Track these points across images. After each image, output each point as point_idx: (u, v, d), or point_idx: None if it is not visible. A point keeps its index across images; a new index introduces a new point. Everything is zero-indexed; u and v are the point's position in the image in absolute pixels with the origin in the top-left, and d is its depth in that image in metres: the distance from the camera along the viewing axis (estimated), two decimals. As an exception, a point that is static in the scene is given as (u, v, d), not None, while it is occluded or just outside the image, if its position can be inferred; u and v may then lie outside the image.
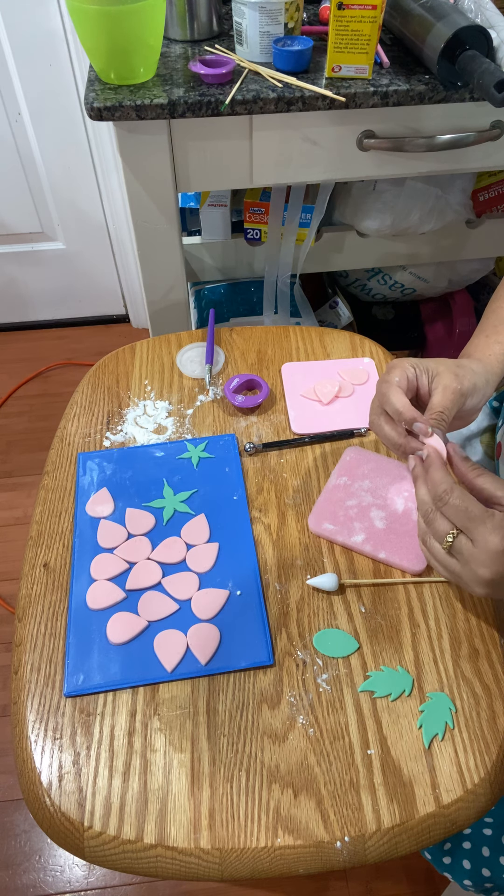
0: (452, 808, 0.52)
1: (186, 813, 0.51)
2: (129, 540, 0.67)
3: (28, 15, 1.22)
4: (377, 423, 0.60)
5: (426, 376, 0.59)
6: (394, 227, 1.18)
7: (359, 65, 0.82)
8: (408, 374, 0.59)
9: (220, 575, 0.65)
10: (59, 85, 1.33)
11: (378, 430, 0.60)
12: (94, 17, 0.75)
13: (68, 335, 1.87)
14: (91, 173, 1.51)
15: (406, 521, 0.67)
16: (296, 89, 0.81)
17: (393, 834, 0.51)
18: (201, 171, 0.90)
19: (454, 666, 0.59)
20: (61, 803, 0.52)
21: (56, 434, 0.78)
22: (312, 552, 0.66)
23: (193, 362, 0.85)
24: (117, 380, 0.83)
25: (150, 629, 0.61)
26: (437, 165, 0.93)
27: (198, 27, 0.90)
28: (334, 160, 0.91)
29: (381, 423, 0.60)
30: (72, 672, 0.58)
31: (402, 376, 0.59)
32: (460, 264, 1.38)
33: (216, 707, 0.56)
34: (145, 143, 0.86)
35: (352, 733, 0.55)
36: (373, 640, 0.60)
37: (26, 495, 1.51)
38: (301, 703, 0.57)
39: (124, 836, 0.51)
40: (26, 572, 0.66)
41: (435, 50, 0.78)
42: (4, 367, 1.79)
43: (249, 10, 0.81)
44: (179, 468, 0.73)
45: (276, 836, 0.51)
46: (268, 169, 0.91)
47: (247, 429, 0.78)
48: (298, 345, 0.87)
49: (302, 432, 0.77)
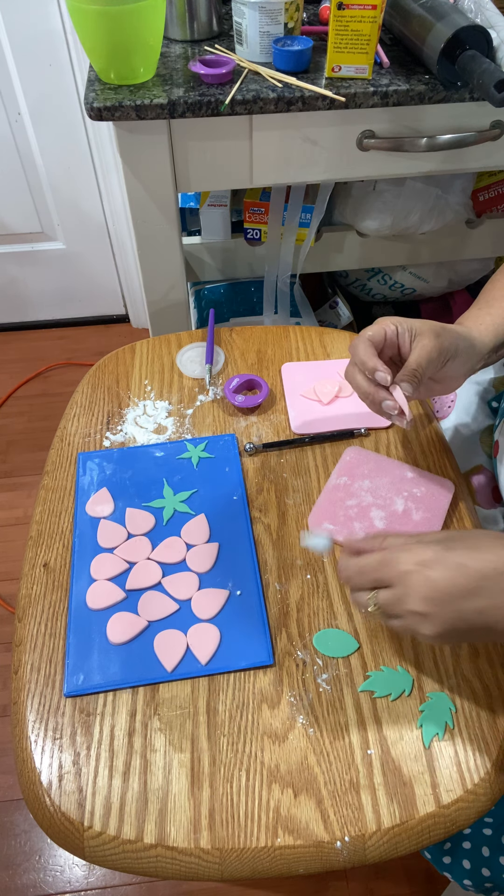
0: (452, 808, 0.52)
1: (186, 813, 0.51)
2: (129, 540, 0.67)
3: (28, 15, 1.22)
4: (351, 371, 0.62)
5: (408, 335, 0.60)
6: (394, 227, 1.18)
7: (359, 65, 0.82)
8: (387, 331, 0.60)
9: (220, 575, 0.65)
10: (59, 85, 1.33)
11: (351, 379, 0.62)
12: (94, 17, 0.75)
13: (68, 335, 1.87)
14: (91, 173, 1.50)
15: (406, 521, 0.67)
16: (296, 89, 0.81)
17: (393, 834, 0.51)
18: (201, 171, 0.90)
19: (454, 666, 0.59)
20: (61, 803, 0.52)
21: (56, 434, 0.78)
22: (312, 552, 0.66)
23: (193, 362, 0.85)
24: (117, 380, 0.83)
25: (150, 629, 0.61)
26: (437, 165, 0.93)
27: (198, 27, 0.90)
28: (334, 160, 0.91)
29: (355, 373, 0.61)
30: (72, 672, 0.58)
31: (377, 331, 0.60)
32: (460, 264, 1.38)
33: (216, 707, 0.56)
34: (145, 143, 0.86)
35: (352, 733, 0.55)
36: (373, 640, 0.60)
37: (26, 495, 1.51)
38: (301, 703, 0.57)
39: (124, 836, 0.51)
40: (26, 572, 0.66)
41: (435, 50, 0.78)
42: (4, 367, 1.79)
43: (249, 10, 0.81)
44: (179, 468, 0.73)
45: (276, 836, 0.51)
46: (268, 169, 0.91)
47: (247, 429, 0.78)
48: (298, 345, 0.87)
49: (302, 432, 0.77)
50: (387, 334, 0.60)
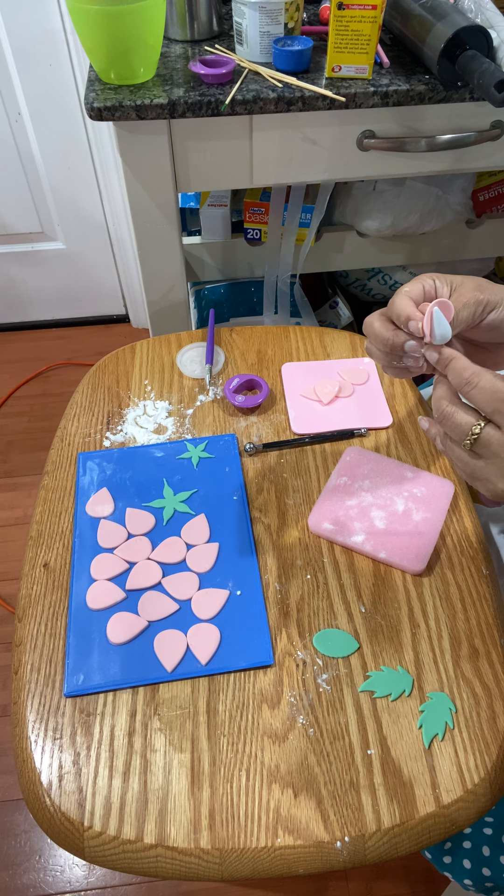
0: (452, 808, 0.52)
1: (186, 813, 0.51)
2: (130, 540, 0.67)
3: (28, 15, 1.22)
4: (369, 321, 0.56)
5: (447, 288, 0.55)
6: (394, 227, 1.18)
7: (359, 65, 0.82)
8: (425, 286, 0.55)
9: (220, 575, 0.65)
10: (59, 85, 1.33)
11: (368, 329, 0.56)
12: (94, 17, 0.75)
13: (68, 335, 1.87)
14: (91, 173, 1.51)
15: (406, 521, 0.67)
16: (296, 89, 0.81)
17: (393, 834, 0.51)
18: (201, 171, 0.90)
19: (454, 666, 0.59)
20: (61, 803, 0.52)
21: (56, 434, 0.78)
22: (312, 552, 0.66)
23: (193, 362, 0.85)
24: (117, 380, 0.83)
25: (150, 629, 0.61)
26: (437, 165, 0.93)
27: (198, 27, 0.90)
28: (334, 160, 0.91)
29: (373, 321, 0.55)
30: (72, 672, 0.58)
31: (415, 287, 0.55)
32: (460, 264, 1.38)
33: (216, 707, 0.56)
34: (145, 143, 0.86)
35: (352, 733, 0.55)
36: (373, 640, 0.60)
37: (26, 495, 1.51)
38: (301, 703, 0.57)
39: (124, 836, 0.51)
40: (26, 572, 0.66)
41: (435, 50, 0.78)
42: (4, 367, 1.79)
43: (249, 10, 0.81)
44: (179, 468, 0.73)
45: (276, 836, 0.51)
46: (268, 169, 0.91)
47: (247, 429, 0.78)
48: (298, 345, 0.87)
49: (302, 432, 0.77)
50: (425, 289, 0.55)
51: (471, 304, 0.52)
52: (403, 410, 0.79)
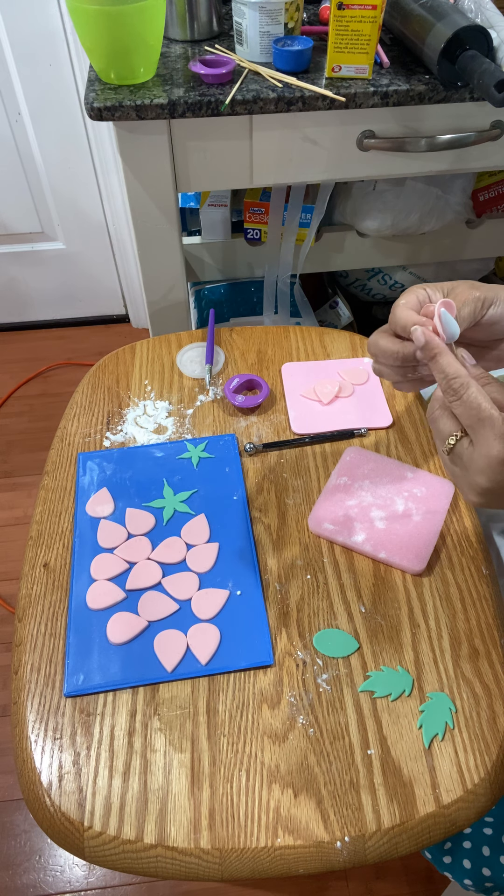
0: (452, 808, 0.52)
1: (186, 813, 0.51)
2: (129, 540, 0.67)
3: (28, 15, 1.22)
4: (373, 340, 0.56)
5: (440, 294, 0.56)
6: (394, 227, 1.18)
7: (359, 65, 0.81)
8: (418, 297, 0.55)
9: (220, 575, 0.65)
10: (59, 85, 1.33)
11: (373, 347, 0.56)
12: (94, 17, 0.75)
13: (68, 335, 1.87)
14: (91, 173, 1.51)
15: (406, 521, 0.67)
16: (296, 89, 0.81)
17: (393, 834, 0.51)
18: (201, 171, 0.90)
19: (454, 666, 0.59)
20: (61, 803, 0.52)
21: (56, 434, 0.78)
22: (312, 552, 0.66)
23: (193, 362, 0.85)
24: (117, 380, 0.83)
25: (150, 629, 0.61)
26: (437, 165, 0.93)
27: (198, 27, 0.90)
28: (334, 160, 0.91)
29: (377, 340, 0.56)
30: (72, 672, 0.58)
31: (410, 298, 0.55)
32: (460, 264, 1.38)
33: (216, 707, 0.56)
34: (145, 143, 0.86)
35: (352, 733, 0.55)
36: (373, 640, 0.60)
37: (26, 495, 1.51)
38: (301, 703, 0.57)
39: (124, 836, 0.51)
40: (26, 572, 0.66)
41: (435, 50, 0.78)
42: (4, 367, 1.79)
43: (249, 10, 0.81)
44: (179, 468, 0.73)
45: (276, 836, 0.51)
46: (268, 169, 0.91)
47: (247, 429, 0.78)
48: (298, 345, 0.87)
49: (302, 432, 0.77)
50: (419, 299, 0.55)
51: (470, 302, 0.53)
52: (403, 410, 0.79)
